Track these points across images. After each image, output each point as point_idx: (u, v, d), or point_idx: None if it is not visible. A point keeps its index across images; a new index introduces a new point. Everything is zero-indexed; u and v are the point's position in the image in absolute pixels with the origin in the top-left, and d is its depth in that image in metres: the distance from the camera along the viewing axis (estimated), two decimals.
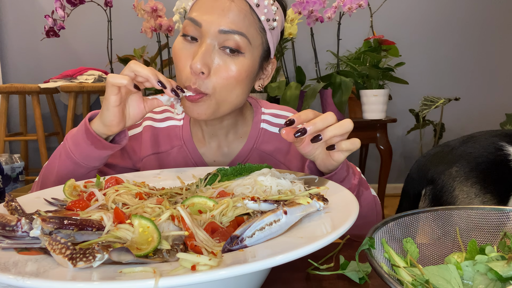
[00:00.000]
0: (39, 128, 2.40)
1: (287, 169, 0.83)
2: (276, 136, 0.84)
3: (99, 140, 0.68)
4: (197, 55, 0.67)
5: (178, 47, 0.72)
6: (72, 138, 0.72)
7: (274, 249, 0.39)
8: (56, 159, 0.75)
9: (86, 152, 0.70)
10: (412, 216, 0.56)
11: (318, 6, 1.97)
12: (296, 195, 0.54)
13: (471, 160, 1.13)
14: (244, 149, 0.83)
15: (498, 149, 1.13)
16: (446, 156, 1.18)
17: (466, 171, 1.11)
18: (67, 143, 0.72)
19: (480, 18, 2.87)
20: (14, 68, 2.97)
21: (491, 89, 2.93)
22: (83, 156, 0.71)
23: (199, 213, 0.49)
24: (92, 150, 0.70)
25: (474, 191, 1.09)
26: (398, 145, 3.02)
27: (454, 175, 1.12)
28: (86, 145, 0.69)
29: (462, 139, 1.23)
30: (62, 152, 0.73)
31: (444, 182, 1.13)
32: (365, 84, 2.12)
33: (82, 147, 0.70)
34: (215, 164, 0.85)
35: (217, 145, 0.84)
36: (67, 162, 0.72)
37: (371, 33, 2.18)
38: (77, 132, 0.71)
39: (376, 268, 0.42)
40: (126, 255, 0.37)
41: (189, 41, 0.71)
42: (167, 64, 2.38)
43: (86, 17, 2.79)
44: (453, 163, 1.14)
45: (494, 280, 0.44)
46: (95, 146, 0.69)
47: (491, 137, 1.17)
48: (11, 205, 0.54)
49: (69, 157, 0.71)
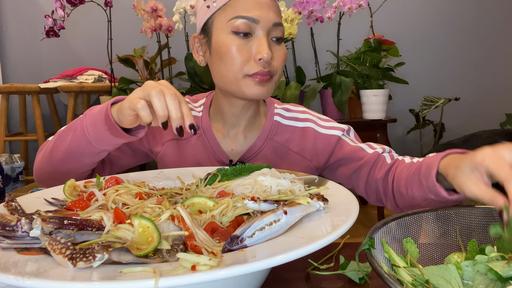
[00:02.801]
0: (39, 128, 2.39)
1: (300, 158, 0.89)
2: (288, 128, 0.91)
3: (117, 128, 0.68)
4: (264, 46, 0.78)
5: (231, 43, 0.79)
6: (90, 117, 0.71)
7: (274, 249, 0.39)
8: (70, 131, 0.75)
9: (101, 135, 0.70)
10: (412, 216, 0.56)
11: (318, 6, 1.97)
12: (296, 195, 0.54)
13: None
14: (259, 139, 0.90)
15: None
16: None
17: None
18: (84, 121, 0.72)
19: (481, 18, 2.87)
20: (14, 68, 2.97)
21: (491, 89, 2.93)
22: (97, 138, 0.71)
23: (199, 213, 0.49)
24: (107, 135, 0.69)
25: None
26: (398, 145, 3.02)
27: None
28: (102, 129, 0.69)
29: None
30: (78, 127, 0.73)
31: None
32: (365, 84, 2.12)
33: (98, 129, 0.70)
34: (232, 152, 0.91)
35: (234, 135, 0.91)
36: (80, 139, 0.72)
37: (371, 33, 2.18)
38: (97, 113, 0.70)
39: (376, 268, 0.42)
40: (126, 255, 0.37)
41: (241, 37, 0.79)
42: (167, 64, 2.38)
43: (86, 17, 2.79)
44: None
45: (494, 280, 0.44)
46: (111, 132, 0.69)
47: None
48: (11, 205, 0.54)
49: (83, 134, 0.72)
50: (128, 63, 2.34)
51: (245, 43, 0.79)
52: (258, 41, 0.78)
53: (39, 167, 0.83)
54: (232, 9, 0.79)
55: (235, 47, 0.78)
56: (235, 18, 0.78)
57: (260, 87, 0.80)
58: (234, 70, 0.80)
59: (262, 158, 0.89)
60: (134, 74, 2.45)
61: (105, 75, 2.66)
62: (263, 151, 0.89)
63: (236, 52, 0.78)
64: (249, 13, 0.77)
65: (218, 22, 0.80)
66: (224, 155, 0.89)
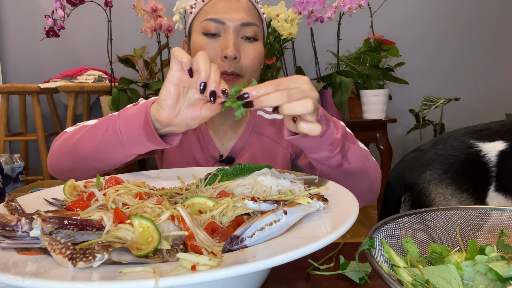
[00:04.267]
0: (39, 128, 2.39)
1: (281, 147, 0.96)
2: (270, 122, 0.98)
3: (155, 135, 0.65)
4: (229, 45, 0.82)
5: (201, 43, 0.85)
6: (125, 119, 0.68)
7: (274, 249, 0.39)
8: (100, 130, 0.72)
9: (136, 139, 0.67)
10: (412, 216, 0.56)
11: (318, 6, 1.97)
12: (296, 195, 0.54)
13: (444, 162, 1.13)
14: (245, 133, 0.96)
15: (469, 147, 1.13)
16: (419, 161, 1.17)
17: (440, 173, 1.11)
18: (118, 122, 0.69)
19: (481, 18, 2.87)
20: (14, 68, 2.97)
21: (491, 89, 2.93)
22: (131, 141, 0.68)
23: (199, 213, 0.49)
24: (143, 140, 0.67)
25: (450, 191, 1.09)
26: (398, 145, 3.02)
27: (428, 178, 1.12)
28: (139, 134, 0.66)
29: (432, 142, 1.22)
30: (110, 127, 0.70)
31: (421, 187, 1.13)
32: (365, 84, 2.12)
33: (134, 133, 0.67)
34: (223, 147, 0.96)
35: (224, 131, 0.97)
36: (112, 140, 0.70)
37: (371, 33, 2.18)
38: (133, 116, 0.67)
39: (376, 268, 0.42)
40: (126, 255, 0.37)
41: (211, 37, 0.85)
42: (167, 64, 2.38)
43: (86, 17, 2.79)
44: (426, 167, 1.14)
45: (494, 280, 0.44)
46: (147, 137, 0.66)
47: (460, 136, 1.17)
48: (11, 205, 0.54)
49: (116, 136, 0.69)
50: (128, 63, 2.34)
51: (213, 43, 0.85)
52: (224, 39, 0.84)
53: (56, 161, 0.81)
54: (204, 12, 0.86)
55: (204, 46, 0.85)
56: (205, 20, 0.85)
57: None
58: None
59: (249, 151, 0.95)
60: (134, 74, 2.45)
61: (105, 75, 2.66)
62: (250, 145, 0.96)
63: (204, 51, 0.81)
64: (217, 15, 0.84)
65: (195, 26, 0.89)
66: (215, 150, 0.96)
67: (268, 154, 0.96)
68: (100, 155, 0.73)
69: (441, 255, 0.51)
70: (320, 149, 0.67)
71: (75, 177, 0.72)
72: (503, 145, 1.10)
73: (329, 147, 0.67)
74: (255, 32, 0.86)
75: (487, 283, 0.44)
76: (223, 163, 0.95)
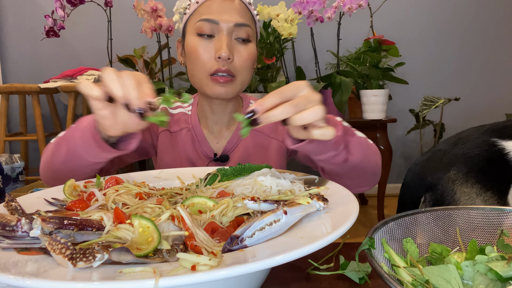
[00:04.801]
0: (39, 128, 2.39)
1: (276, 140, 0.97)
2: None
3: (105, 146, 0.65)
4: (223, 46, 0.84)
5: (195, 44, 0.87)
6: (80, 132, 0.68)
7: (274, 249, 0.39)
8: (65, 143, 0.72)
9: (92, 151, 0.67)
10: (412, 216, 0.56)
11: (318, 6, 1.97)
12: (296, 195, 0.54)
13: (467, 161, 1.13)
14: (238, 129, 0.97)
15: (492, 145, 1.13)
16: (440, 161, 1.17)
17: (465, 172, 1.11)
18: (75, 135, 0.69)
19: (480, 18, 2.87)
20: (14, 68, 2.97)
21: (491, 89, 2.93)
22: (89, 153, 0.68)
23: (199, 213, 0.49)
24: (98, 151, 0.67)
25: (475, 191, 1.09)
26: (398, 145, 3.02)
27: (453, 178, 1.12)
28: (93, 145, 0.66)
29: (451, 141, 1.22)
30: (71, 141, 0.70)
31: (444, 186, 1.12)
32: (365, 84, 2.12)
33: (89, 145, 0.67)
34: (218, 145, 0.97)
35: (218, 131, 0.98)
36: (74, 153, 0.70)
37: (371, 33, 2.18)
38: (85, 129, 0.67)
39: (376, 268, 0.42)
40: (126, 255, 0.37)
41: (205, 38, 0.86)
42: (167, 64, 2.38)
43: (86, 17, 2.79)
44: (450, 167, 1.14)
45: (494, 280, 0.44)
46: (101, 148, 0.66)
47: (481, 135, 1.17)
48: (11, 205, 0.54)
49: (76, 149, 0.69)
50: (128, 63, 2.34)
51: (207, 44, 0.86)
52: (218, 40, 0.85)
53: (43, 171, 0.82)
54: (198, 13, 0.87)
55: (199, 47, 0.86)
56: (199, 21, 0.86)
57: (220, 87, 0.87)
58: (199, 69, 0.87)
59: (243, 148, 0.96)
60: None
61: None
62: (244, 141, 0.97)
63: (199, 52, 0.86)
64: (211, 15, 0.85)
65: (189, 26, 0.90)
66: (209, 149, 0.97)
67: (261, 149, 0.97)
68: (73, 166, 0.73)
69: (441, 255, 0.51)
70: (326, 150, 0.66)
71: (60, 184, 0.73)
72: None
73: (334, 146, 0.66)
74: (248, 34, 0.88)
75: (487, 283, 0.44)
76: (218, 162, 0.95)
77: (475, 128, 1.23)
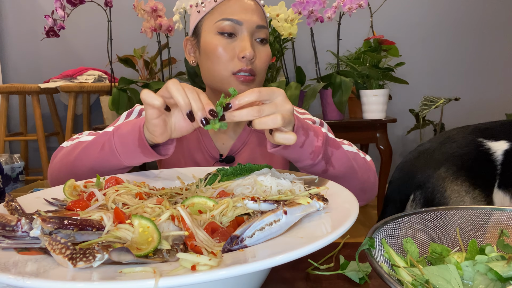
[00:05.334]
0: (39, 128, 2.40)
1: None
2: None
3: (151, 151, 0.68)
4: (247, 46, 0.84)
5: (217, 43, 0.86)
6: (120, 138, 0.70)
7: (274, 249, 0.39)
8: (97, 148, 0.74)
9: (133, 155, 0.70)
10: (412, 216, 0.56)
11: (318, 6, 1.97)
12: (296, 195, 0.54)
13: (456, 160, 1.17)
14: (245, 131, 0.98)
15: (479, 145, 1.17)
16: (429, 159, 1.20)
17: (455, 170, 1.15)
18: (113, 141, 0.71)
19: (481, 18, 2.87)
20: (14, 68, 2.97)
21: (491, 89, 2.93)
22: (128, 157, 0.70)
23: (199, 213, 0.49)
24: (139, 155, 0.69)
25: (464, 188, 1.13)
26: (398, 145, 3.02)
27: (443, 176, 1.15)
28: (134, 150, 0.69)
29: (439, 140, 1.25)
30: (106, 146, 0.72)
31: (434, 184, 1.16)
32: (365, 84, 2.12)
33: (129, 150, 0.69)
34: (224, 146, 0.97)
35: (224, 130, 0.98)
36: (109, 157, 0.72)
37: (371, 33, 2.18)
38: (127, 134, 0.70)
39: (376, 268, 0.42)
40: (126, 255, 0.37)
41: (227, 37, 0.86)
42: (167, 64, 2.38)
43: (86, 17, 2.79)
44: (440, 165, 1.17)
45: (494, 280, 0.44)
46: (143, 153, 0.68)
47: (468, 134, 1.21)
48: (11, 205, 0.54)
49: (113, 154, 0.71)
50: (128, 63, 2.34)
51: (229, 43, 0.86)
52: (242, 40, 0.85)
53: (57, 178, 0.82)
54: (218, 12, 0.87)
55: (221, 46, 0.86)
56: (221, 20, 0.86)
57: (243, 86, 0.87)
58: (220, 67, 0.87)
59: (248, 150, 0.96)
60: (134, 74, 2.45)
61: (105, 75, 2.66)
62: (249, 143, 0.97)
63: (221, 51, 0.86)
64: (234, 15, 0.85)
65: (206, 25, 0.88)
66: (215, 150, 0.96)
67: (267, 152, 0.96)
68: (100, 171, 0.75)
69: (441, 255, 0.51)
70: (302, 158, 0.70)
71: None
72: (506, 144, 1.15)
73: (310, 156, 0.70)
74: (267, 35, 0.90)
75: (487, 283, 0.44)
76: (223, 162, 0.95)
77: (460, 128, 1.28)
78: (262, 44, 0.89)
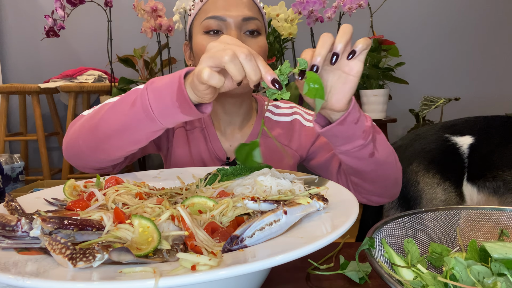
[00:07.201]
0: (39, 128, 2.39)
1: (290, 149, 0.96)
2: (278, 124, 0.98)
3: (190, 106, 0.60)
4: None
5: (204, 42, 0.84)
6: (155, 92, 0.62)
7: (274, 249, 0.39)
8: (126, 106, 0.66)
9: (169, 112, 0.62)
10: (412, 216, 0.56)
11: (318, 6, 1.97)
12: (296, 195, 0.54)
13: (426, 154, 1.26)
14: (253, 134, 0.96)
15: (446, 141, 1.27)
16: (402, 155, 1.25)
17: (426, 164, 1.24)
18: (147, 95, 0.62)
19: (480, 18, 2.87)
20: (14, 68, 2.97)
21: (491, 89, 2.93)
22: (163, 114, 0.62)
23: (199, 213, 0.49)
24: (176, 112, 0.61)
25: (436, 180, 1.22)
26: None
27: (415, 170, 1.25)
28: (172, 106, 0.61)
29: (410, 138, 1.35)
30: (138, 102, 0.63)
31: (408, 178, 1.25)
32: (365, 84, 2.12)
33: (166, 106, 0.61)
34: (231, 148, 0.96)
35: (231, 132, 0.96)
36: (140, 115, 0.63)
37: (371, 33, 2.18)
38: (164, 88, 0.61)
39: (376, 268, 0.42)
40: (126, 255, 0.37)
41: (212, 35, 0.84)
42: (167, 64, 2.38)
43: (86, 17, 2.79)
44: (411, 160, 1.27)
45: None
46: (182, 109, 0.61)
47: (436, 131, 1.31)
48: (11, 205, 0.54)
49: (146, 110, 0.62)
50: (128, 63, 2.34)
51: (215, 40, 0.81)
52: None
53: (75, 144, 0.75)
54: (204, 12, 0.86)
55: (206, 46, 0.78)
56: (206, 19, 0.84)
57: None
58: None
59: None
60: (134, 74, 2.45)
61: (105, 75, 2.65)
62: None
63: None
64: (217, 12, 0.83)
65: (195, 26, 0.88)
66: (222, 151, 0.94)
67: (275, 155, 0.95)
68: (127, 132, 0.67)
69: (441, 255, 0.51)
70: (355, 137, 0.68)
71: (95, 160, 0.74)
72: (471, 139, 1.26)
73: (363, 134, 0.68)
74: (258, 26, 0.85)
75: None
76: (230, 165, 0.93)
77: (429, 126, 1.38)
78: (253, 37, 0.85)
